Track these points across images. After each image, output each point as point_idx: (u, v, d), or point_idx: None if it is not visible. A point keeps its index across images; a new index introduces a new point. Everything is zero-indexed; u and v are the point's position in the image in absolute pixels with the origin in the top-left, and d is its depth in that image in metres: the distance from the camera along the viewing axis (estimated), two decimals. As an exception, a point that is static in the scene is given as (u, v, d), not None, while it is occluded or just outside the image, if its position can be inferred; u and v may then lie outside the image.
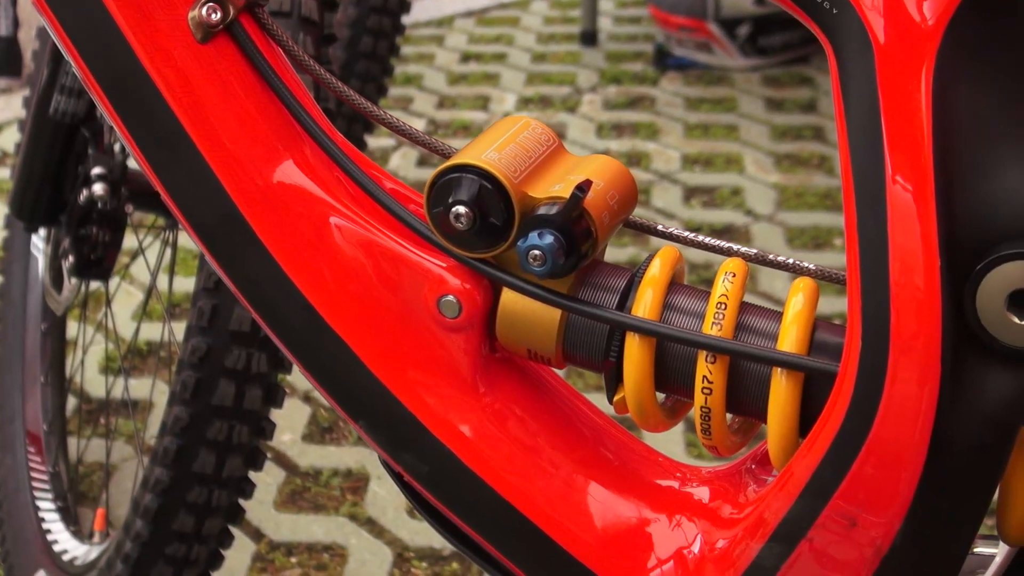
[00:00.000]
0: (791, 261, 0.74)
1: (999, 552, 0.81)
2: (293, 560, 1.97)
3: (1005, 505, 0.67)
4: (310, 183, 0.76)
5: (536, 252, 0.69)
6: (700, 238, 0.76)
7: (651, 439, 2.09)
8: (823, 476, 0.65)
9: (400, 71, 3.78)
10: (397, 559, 1.96)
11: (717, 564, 0.71)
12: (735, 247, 0.75)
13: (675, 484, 0.76)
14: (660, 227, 0.77)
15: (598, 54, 3.95)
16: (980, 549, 0.85)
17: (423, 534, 1.99)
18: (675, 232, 0.77)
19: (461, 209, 0.70)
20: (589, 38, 4.01)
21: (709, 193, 3.04)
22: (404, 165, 3.17)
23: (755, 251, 0.74)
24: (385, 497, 2.09)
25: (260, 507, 2.07)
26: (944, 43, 0.60)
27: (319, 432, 2.26)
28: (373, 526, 2.03)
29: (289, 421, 2.28)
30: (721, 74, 3.74)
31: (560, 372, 0.80)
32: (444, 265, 0.74)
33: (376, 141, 3.26)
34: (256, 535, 2.01)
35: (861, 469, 0.64)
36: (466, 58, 3.96)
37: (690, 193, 3.04)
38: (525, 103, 3.59)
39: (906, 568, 0.66)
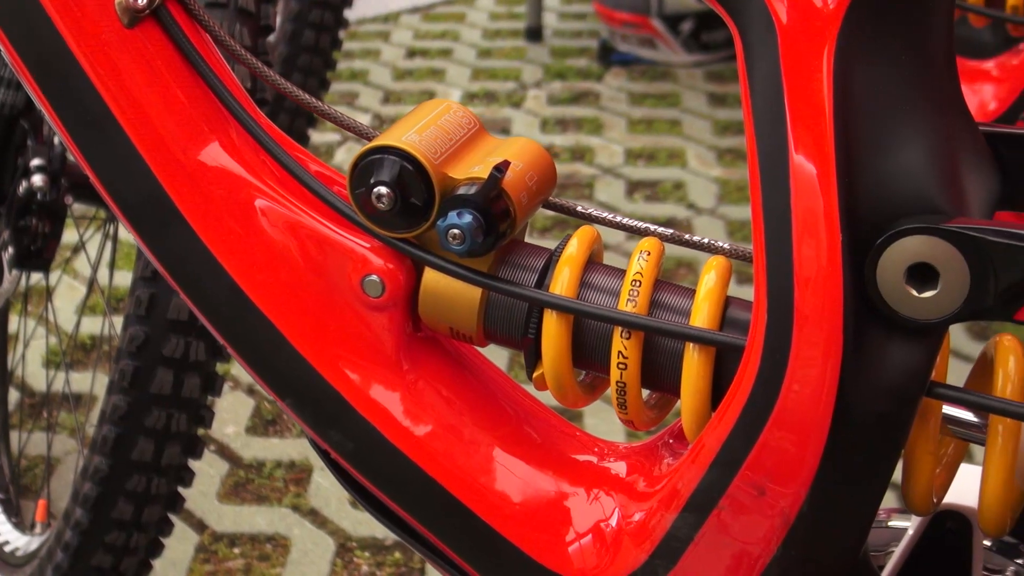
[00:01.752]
0: (705, 240, 0.76)
1: (911, 524, 0.83)
2: (236, 551, 1.97)
3: (909, 475, 0.69)
4: (235, 164, 0.77)
5: (455, 231, 0.70)
6: (618, 218, 0.78)
7: (602, 426, 2.11)
8: (732, 447, 0.67)
9: (346, 67, 3.79)
10: (340, 549, 1.98)
11: (634, 536, 0.73)
12: (651, 227, 0.76)
13: (594, 459, 0.78)
14: (579, 208, 0.79)
15: (543, 50, 3.97)
16: (894, 523, 0.87)
17: (366, 524, 2.01)
18: (594, 213, 0.78)
19: (382, 190, 0.71)
20: (534, 34, 4.03)
21: (652, 187, 3.06)
22: (349, 160, 3.18)
23: (671, 231, 0.76)
24: (328, 488, 2.10)
25: (203, 499, 2.07)
26: (845, 25, 0.62)
27: (263, 424, 2.27)
28: (316, 517, 2.04)
29: (233, 414, 2.29)
30: (665, 70, 3.77)
31: (483, 351, 0.82)
32: (367, 245, 0.75)
33: (322, 136, 3.26)
34: (199, 526, 2.02)
35: (768, 440, 0.66)
36: (412, 54, 3.97)
37: (633, 187, 3.07)
38: (470, 98, 3.60)
39: (813, 535, 0.68)
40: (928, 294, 0.62)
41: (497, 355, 2.32)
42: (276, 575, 1.92)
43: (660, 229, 0.76)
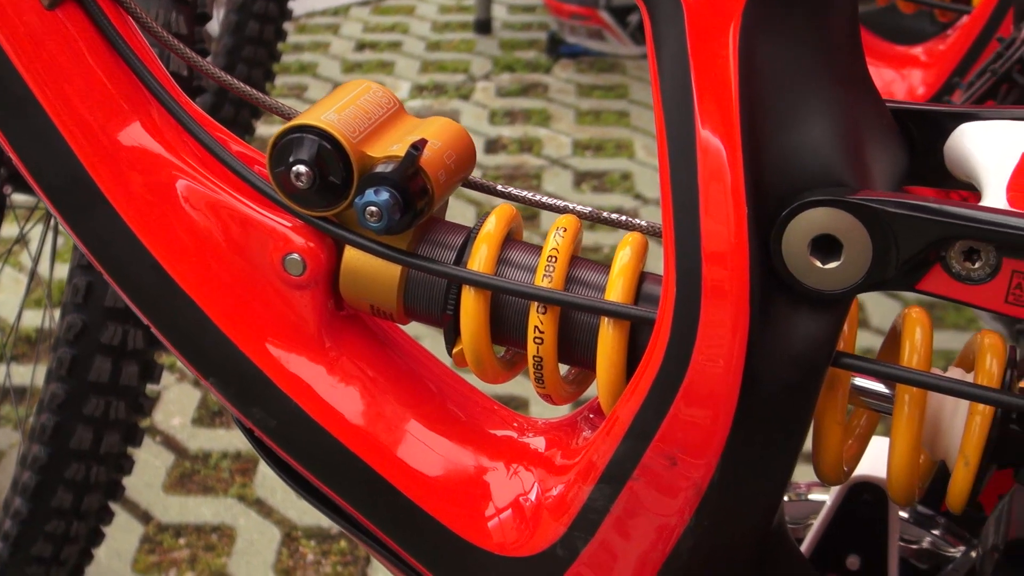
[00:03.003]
0: (623, 218, 0.77)
1: (829, 496, 0.85)
2: (182, 541, 1.97)
3: (818, 444, 0.71)
4: (156, 145, 0.78)
5: (373, 208, 0.71)
6: (537, 197, 0.79)
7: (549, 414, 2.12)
8: (644, 419, 0.68)
9: (295, 59, 3.79)
10: (285, 538, 1.98)
11: (553, 510, 0.74)
12: (571, 205, 0.77)
13: (514, 435, 0.79)
14: (499, 187, 0.80)
15: (492, 42, 3.98)
16: (814, 496, 0.89)
17: (311, 513, 2.01)
18: (513, 192, 0.79)
19: (301, 168, 0.72)
20: (483, 26, 4.04)
21: (599, 178, 3.08)
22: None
23: (589, 209, 0.77)
24: (274, 478, 2.10)
25: (149, 490, 2.07)
26: (749, 3, 0.63)
27: (208, 416, 2.27)
28: (262, 507, 2.05)
29: (179, 405, 2.28)
30: (613, 61, 3.79)
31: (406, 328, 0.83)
32: (288, 225, 0.76)
33: (270, 129, 3.26)
34: (144, 518, 2.02)
35: (678, 411, 0.67)
36: (361, 46, 3.97)
37: (581, 178, 3.08)
38: (419, 91, 3.61)
39: (725, 504, 0.69)
40: (832, 265, 0.63)
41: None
42: (221, 565, 1.92)
43: (578, 207, 0.77)
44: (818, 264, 0.63)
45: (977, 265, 0.62)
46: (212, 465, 2.14)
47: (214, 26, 2.29)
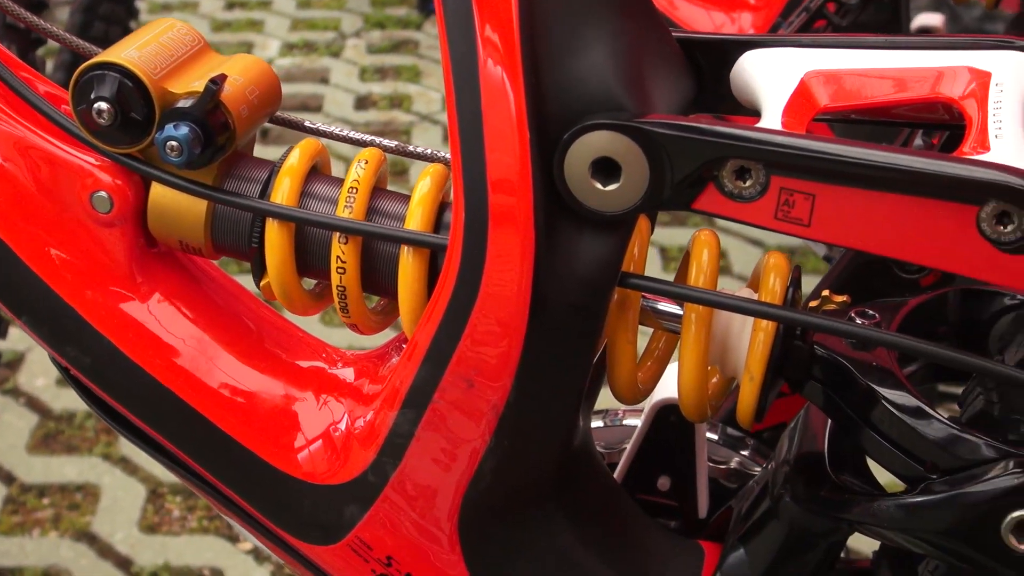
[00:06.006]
0: (428, 151, 0.79)
1: (640, 420, 0.87)
2: (45, 501, 1.97)
3: (611, 365, 0.73)
4: (-43, 86, 0.78)
5: (173, 143, 0.72)
6: (343, 132, 0.80)
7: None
8: (440, 343, 0.70)
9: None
10: (151, 495, 1.98)
11: (362, 438, 0.76)
12: (376, 139, 0.79)
13: (324, 366, 0.81)
14: (307, 123, 0.81)
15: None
16: (628, 421, 0.92)
17: (177, 469, 2.01)
18: (320, 127, 0.81)
19: (103, 105, 0.73)
20: (354, -16, 4.02)
21: (468, 133, 3.09)
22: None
23: (395, 144, 0.79)
24: (139, 435, 2.09)
25: (12, 451, 2.06)
26: None
27: (73, 375, 2.25)
28: (127, 465, 2.04)
29: (43, 366, 2.27)
30: (484, 17, 3.79)
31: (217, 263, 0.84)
32: (95, 163, 0.77)
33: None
34: (7, 479, 2.00)
35: (471, 335, 0.69)
36: (231, 5, 3.94)
37: (450, 133, 3.09)
38: (289, 48, 3.59)
39: (522, 423, 0.71)
40: (612, 187, 0.66)
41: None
42: (85, 523, 1.92)
43: (384, 141, 0.79)
44: (599, 186, 0.66)
45: (748, 183, 0.64)
46: (77, 425, 2.13)
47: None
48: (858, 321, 0.72)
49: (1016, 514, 0.65)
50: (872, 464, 0.74)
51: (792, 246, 2.54)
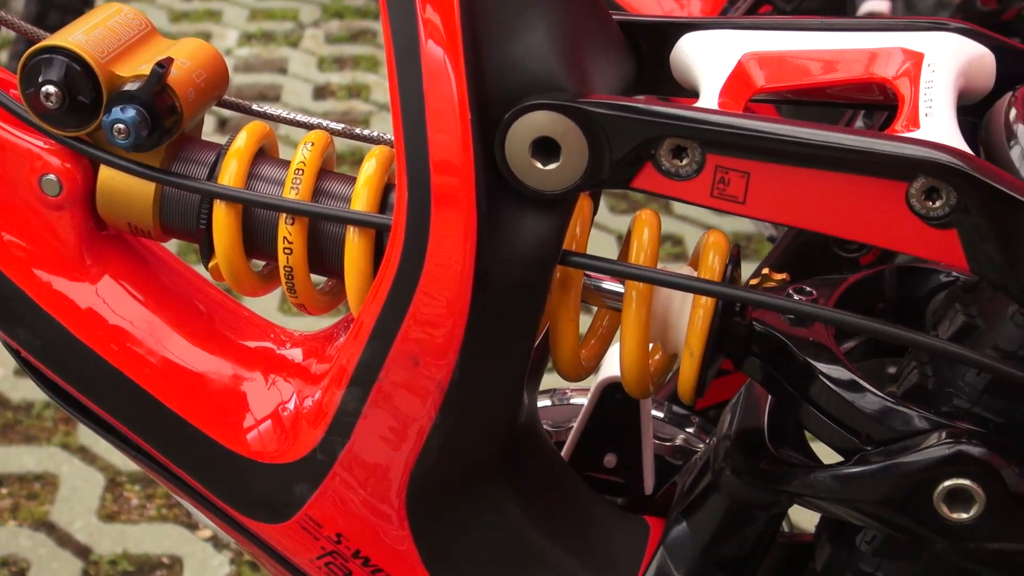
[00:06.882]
0: (376, 134, 0.80)
1: (587, 399, 0.89)
2: (3, 491, 1.96)
3: (554, 342, 0.74)
4: (-94, 69, 0.79)
5: (120, 126, 0.73)
6: (290, 115, 0.81)
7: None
8: (385, 321, 0.71)
9: (120, 9, 3.72)
10: (110, 484, 1.98)
11: (311, 418, 0.77)
12: (323, 122, 0.80)
13: (272, 347, 0.82)
14: (255, 107, 0.82)
15: (321, -11, 3.97)
16: (575, 400, 0.93)
17: (135, 458, 2.01)
18: (268, 111, 0.82)
19: (50, 88, 0.73)
20: (313, -26, 4.01)
21: (427, 122, 3.09)
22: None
23: (341, 126, 0.80)
24: (97, 425, 2.09)
25: (-31, 442, 2.06)
26: None
27: (31, 366, 2.25)
28: (86, 454, 2.04)
29: (1, 356, 2.26)
30: (442, 7, 3.80)
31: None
32: (44, 146, 0.77)
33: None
34: (-35, 469, 2.00)
35: (415, 312, 0.70)
36: (189, -5, 3.93)
37: (408, 122, 3.09)
38: (248, 39, 3.58)
39: (467, 400, 0.73)
40: (552, 167, 0.67)
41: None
42: (44, 512, 1.92)
43: (331, 124, 0.80)
44: (539, 166, 0.67)
45: (684, 162, 0.66)
46: (35, 415, 2.13)
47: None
48: (795, 297, 0.74)
49: (948, 483, 0.67)
50: (812, 439, 0.76)
51: (749, 233, 2.56)
